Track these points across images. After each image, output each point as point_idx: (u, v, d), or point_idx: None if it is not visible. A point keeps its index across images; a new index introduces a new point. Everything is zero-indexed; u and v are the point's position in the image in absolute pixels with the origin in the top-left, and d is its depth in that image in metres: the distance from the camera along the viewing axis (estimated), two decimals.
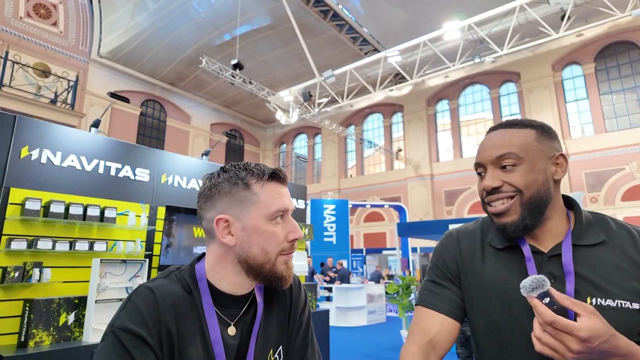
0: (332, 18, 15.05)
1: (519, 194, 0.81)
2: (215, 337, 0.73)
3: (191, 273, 0.79)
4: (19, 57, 13.88)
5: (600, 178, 13.71)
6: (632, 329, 0.75)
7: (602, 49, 14.49)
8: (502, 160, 0.83)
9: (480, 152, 0.88)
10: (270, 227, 0.77)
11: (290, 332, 0.86)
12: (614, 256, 0.79)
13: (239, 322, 0.79)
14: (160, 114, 19.32)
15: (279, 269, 0.78)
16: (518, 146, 0.82)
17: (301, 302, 0.91)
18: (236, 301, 0.80)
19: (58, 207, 2.54)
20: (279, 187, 0.80)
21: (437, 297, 0.90)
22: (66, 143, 2.75)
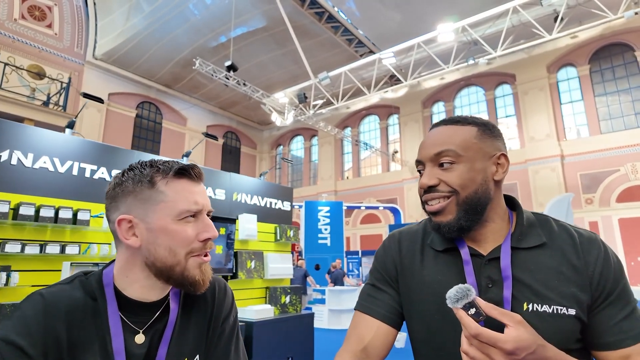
0: (328, 20, 15.06)
1: (455, 194, 0.78)
2: (117, 347, 0.69)
3: (99, 278, 0.75)
4: (13, 59, 13.86)
5: (595, 179, 13.70)
6: (569, 335, 0.73)
7: (596, 51, 14.51)
8: (440, 157, 0.79)
9: (420, 149, 0.84)
10: (178, 226, 0.72)
11: (210, 340, 0.82)
12: (553, 260, 0.77)
13: (150, 330, 0.75)
14: (156, 116, 19.29)
15: (192, 272, 0.73)
16: (457, 143, 0.79)
17: (225, 308, 0.86)
18: (147, 308, 0.76)
19: (28, 210, 2.51)
20: (189, 184, 0.75)
21: (374, 301, 0.87)
22: (39, 144, 2.72)
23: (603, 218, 13.32)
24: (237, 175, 4.29)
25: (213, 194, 3.94)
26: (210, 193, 3.92)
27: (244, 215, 4.03)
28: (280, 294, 4.16)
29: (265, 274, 4.11)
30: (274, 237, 4.44)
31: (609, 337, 0.73)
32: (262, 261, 4.11)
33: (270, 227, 4.44)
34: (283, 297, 4.17)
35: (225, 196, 4.07)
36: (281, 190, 4.82)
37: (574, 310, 0.72)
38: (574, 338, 0.73)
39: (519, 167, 15.33)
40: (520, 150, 15.56)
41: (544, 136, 14.96)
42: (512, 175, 15.48)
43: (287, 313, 4.13)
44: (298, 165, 23.25)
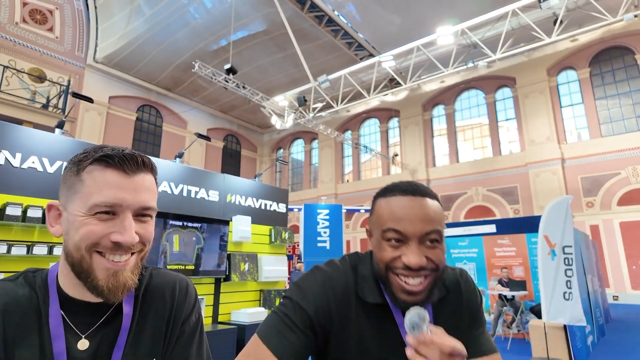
0: (327, 23, 15.08)
1: (434, 272, 0.79)
2: (58, 350, 0.65)
3: (45, 276, 0.71)
4: (14, 62, 13.92)
5: (596, 183, 13.63)
6: None
7: (596, 54, 14.48)
8: (430, 236, 0.78)
9: (403, 221, 0.78)
10: (87, 221, 0.64)
11: (168, 342, 0.77)
12: (451, 304, 0.89)
13: (97, 334, 0.70)
14: (157, 119, 19.33)
15: (97, 274, 0.65)
16: (441, 223, 0.80)
17: (185, 309, 0.81)
18: (93, 309, 0.70)
19: (14, 210, 2.48)
20: (114, 175, 0.66)
21: (283, 342, 0.79)
22: (27, 144, 2.70)
23: (604, 221, 13.23)
24: (231, 176, 4.26)
25: (206, 196, 3.91)
26: (204, 194, 3.89)
27: (238, 217, 4.00)
28: (274, 297, 4.12)
29: (259, 277, 4.07)
30: (269, 239, 4.40)
31: (472, 347, 0.85)
32: (256, 263, 4.07)
33: (265, 229, 4.40)
34: (277, 300, 4.13)
35: (219, 197, 4.03)
36: (276, 192, 4.79)
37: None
38: None
39: (520, 170, 15.27)
40: (520, 153, 15.51)
41: (544, 139, 14.91)
42: (512, 178, 15.42)
43: None
44: (298, 169, 23.23)
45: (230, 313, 3.79)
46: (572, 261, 5.29)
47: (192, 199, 3.77)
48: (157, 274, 0.83)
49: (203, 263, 3.54)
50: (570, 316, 4.89)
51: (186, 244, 3.45)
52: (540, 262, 5.35)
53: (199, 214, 3.65)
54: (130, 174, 0.68)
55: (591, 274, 7.33)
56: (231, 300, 3.85)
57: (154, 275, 0.82)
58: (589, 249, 7.99)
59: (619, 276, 12.75)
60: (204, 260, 3.55)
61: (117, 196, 0.65)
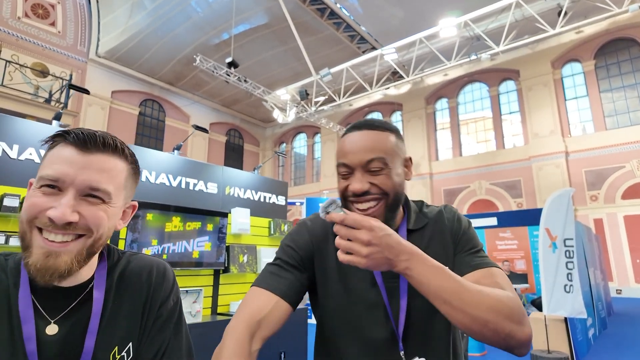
0: (329, 16, 14.99)
1: (385, 196, 0.86)
2: (28, 334, 0.65)
3: (19, 259, 0.71)
4: (17, 57, 13.95)
5: (600, 176, 13.53)
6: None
7: (602, 46, 14.31)
8: (372, 164, 0.85)
9: (348, 154, 0.88)
10: (32, 193, 0.65)
11: (144, 327, 0.77)
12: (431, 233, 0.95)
13: (68, 319, 0.69)
14: (159, 114, 19.36)
15: (32, 251, 0.63)
16: (385, 150, 0.86)
17: (162, 294, 0.80)
18: (65, 294, 0.70)
19: (12, 201, 2.49)
20: (67, 151, 0.66)
21: (278, 279, 0.88)
22: (24, 136, 2.70)
23: (608, 215, 13.15)
24: (229, 169, 4.26)
25: (205, 188, 3.92)
26: (202, 187, 3.89)
27: (237, 209, 4.00)
28: None
29: (258, 269, 4.08)
30: (268, 231, 4.41)
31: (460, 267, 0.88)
32: (255, 255, 4.08)
33: (264, 222, 4.41)
34: None
35: (218, 190, 4.04)
36: (275, 185, 4.79)
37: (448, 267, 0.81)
38: None
39: (523, 163, 15.18)
40: (524, 146, 15.41)
41: (548, 132, 14.80)
42: (516, 171, 15.34)
43: None
44: (301, 163, 23.22)
45: (230, 304, 3.81)
46: (573, 254, 5.27)
47: (190, 191, 3.77)
48: (134, 258, 0.83)
49: (203, 256, 3.55)
50: (570, 309, 4.88)
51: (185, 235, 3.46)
52: (541, 255, 5.33)
53: (197, 206, 3.65)
54: (84, 151, 0.67)
55: (593, 267, 7.30)
56: (230, 292, 3.87)
57: (131, 261, 0.82)
58: (591, 242, 7.95)
59: (623, 270, 12.69)
60: (203, 253, 3.56)
61: (62, 171, 0.64)
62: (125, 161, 0.73)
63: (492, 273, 0.84)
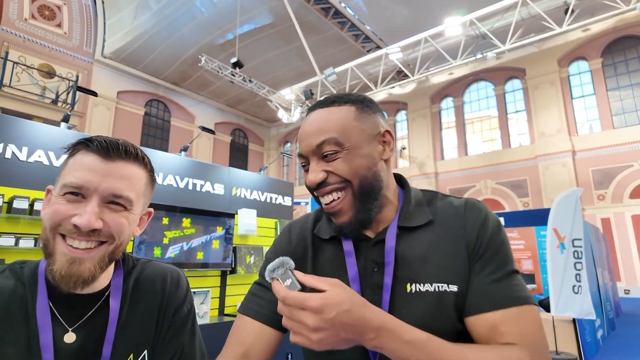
0: (334, 16, 14.96)
1: (347, 184, 0.71)
2: (45, 342, 0.64)
3: (35, 267, 0.71)
4: (24, 58, 14.06)
5: (607, 175, 13.41)
6: (451, 313, 0.68)
7: (609, 44, 14.17)
8: (323, 148, 0.71)
9: (300, 142, 0.75)
10: (56, 200, 0.65)
11: (159, 333, 0.77)
12: (437, 236, 0.73)
13: (84, 327, 0.69)
14: (164, 114, 19.43)
15: (56, 258, 0.63)
16: (337, 129, 0.71)
17: (176, 301, 0.81)
18: (82, 301, 0.70)
19: (22, 203, 2.51)
20: (90, 158, 0.66)
21: (258, 302, 0.78)
22: (33, 138, 2.72)
23: (615, 215, 13.03)
24: (235, 169, 4.27)
25: (212, 189, 3.92)
26: (209, 188, 3.90)
27: (243, 210, 4.01)
28: None
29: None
30: (275, 232, 4.41)
31: (473, 299, 0.67)
32: (261, 256, 4.09)
33: (270, 222, 4.41)
34: None
35: (224, 191, 4.05)
36: (282, 185, 4.79)
37: (455, 286, 0.68)
38: (456, 316, 0.68)
39: (529, 162, 15.08)
40: (530, 146, 15.30)
41: (554, 131, 14.69)
42: (521, 171, 15.24)
43: None
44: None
45: (237, 305, 3.81)
46: (581, 254, 5.23)
47: (197, 192, 3.78)
48: (148, 266, 0.83)
49: (210, 256, 3.56)
50: (579, 310, 4.83)
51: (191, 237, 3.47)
52: (549, 255, 5.29)
53: (204, 207, 3.66)
54: (106, 159, 0.67)
55: (601, 268, 7.24)
56: (237, 293, 3.88)
57: (145, 268, 0.82)
58: (599, 242, 7.88)
59: (631, 270, 12.57)
60: (210, 253, 3.57)
61: (85, 178, 0.65)
62: (144, 169, 0.74)
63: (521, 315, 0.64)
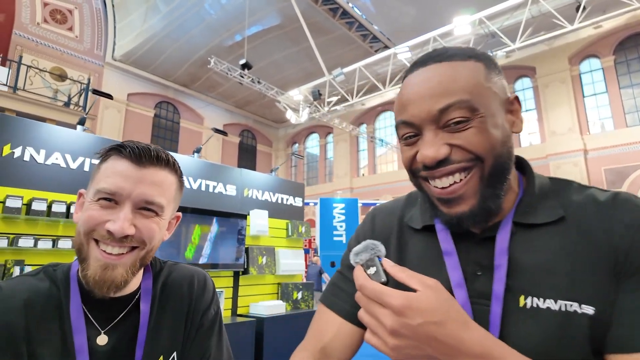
0: (342, 16, 14.96)
1: (477, 162, 0.54)
2: (79, 344, 0.65)
3: (67, 269, 0.72)
4: (36, 61, 14.28)
5: (620, 174, 13.20)
6: (582, 342, 0.51)
7: (621, 41, 13.96)
8: (448, 114, 0.53)
9: (409, 105, 0.57)
10: (90, 206, 0.66)
11: (187, 336, 0.78)
12: (569, 239, 0.55)
13: (116, 329, 0.70)
14: (174, 116, 19.60)
15: (90, 263, 0.65)
16: (469, 89, 0.53)
17: (204, 303, 0.82)
18: (113, 304, 0.71)
19: (40, 205, 2.55)
20: (123, 165, 0.67)
21: (340, 294, 0.71)
22: (51, 141, 2.77)
23: None
24: (247, 171, 4.29)
25: (224, 190, 3.95)
26: (222, 189, 3.93)
27: (255, 211, 4.03)
28: (292, 290, 4.14)
29: (276, 270, 4.10)
30: (286, 233, 4.43)
31: (623, 329, 0.49)
32: (273, 257, 4.10)
33: (282, 223, 4.43)
34: (295, 293, 4.16)
35: (236, 192, 4.07)
36: (293, 186, 4.80)
37: (591, 308, 0.51)
38: (587, 348, 0.51)
39: (540, 162, 14.91)
40: (540, 145, 15.14)
41: (566, 130, 14.51)
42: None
43: (299, 309, 4.11)
44: (314, 163, 23.25)
45: (249, 306, 3.83)
46: None
47: (210, 194, 3.81)
48: (175, 269, 0.84)
49: (223, 256, 3.58)
50: None
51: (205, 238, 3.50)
52: None
53: (216, 208, 3.69)
54: (139, 165, 0.68)
55: None
56: (250, 293, 3.90)
57: (172, 271, 0.83)
58: None
59: None
60: (223, 254, 3.59)
61: (119, 184, 0.65)
62: (175, 174, 0.74)
63: None
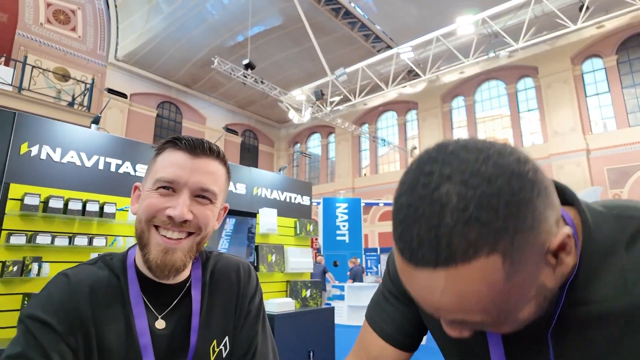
0: (344, 16, 14.99)
1: None
2: (141, 328, 0.69)
3: (123, 258, 0.75)
4: (40, 62, 14.31)
5: (623, 174, 13.22)
6: None
7: (624, 41, 13.98)
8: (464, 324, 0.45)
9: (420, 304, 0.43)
10: (150, 194, 0.69)
11: (237, 322, 0.82)
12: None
13: (172, 315, 0.74)
14: (176, 116, 19.64)
15: (151, 249, 0.68)
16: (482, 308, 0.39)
17: (250, 290, 0.86)
18: (168, 290, 0.74)
19: (57, 203, 2.58)
20: (179, 155, 0.71)
21: (382, 314, 0.69)
22: (66, 139, 2.79)
23: None
24: (257, 170, 4.32)
25: (234, 189, 3.97)
26: (232, 187, 3.95)
27: (265, 209, 4.05)
28: (301, 288, 4.17)
29: (285, 268, 4.13)
30: (294, 231, 4.45)
31: None
32: (282, 255, 4.13)
33: (290, 222, 4.45)
34: (304, 291, 4.18)
35: (246, 190, 4.09)
36: (300, 185, 4.83)
37: None
38: None
39: (542, 162, 14.92)
40: (543, 145, 15.16)
41: (568, 130, 14.52)
42: None
43: (308, 307, 4.13)
44: (315, 163, 23.27)
45: None
46: None
47: None
48: (220, 258, 0.87)
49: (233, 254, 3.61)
50: None
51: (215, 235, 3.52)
52: None
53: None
54: (193, 156, 0.72)
55: None
56: None
57: (218, 260, 0.86)
58: None
59: None
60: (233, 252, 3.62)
61: (177, 173, 0.69)
62: (224, 166, 0.78)
63: None
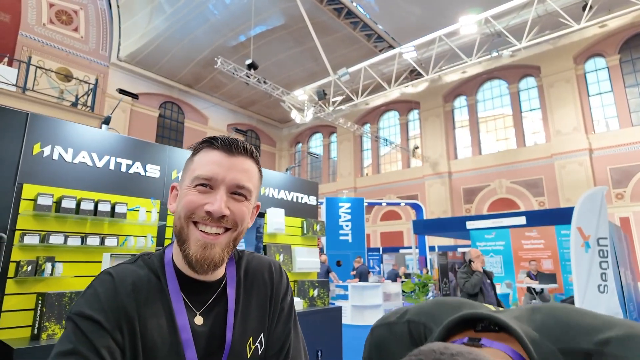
0: (346, 16, 14.99)
1: None
2: (182, 324, 0.71)
3: (160, 257, 0.77)
4: (42, 62, 14.33)
5: (626, 174, 13.21)
6: None
7: (626, 40, 13.97)
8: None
9: None
10: (188, 192, 0.72)
11: (271, 319, 0.83)
12: None
13: (209, 312, 0.75)
14: (179, 116, 19.65)
15: (190, 244, 0.70)
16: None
17: (282, 288, 0.87)
18: (205, 287, 0.76)
19: (69, 203, 2.59)
20: (216, 154, 0.73)
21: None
22: (78, 140, 2.80)
23: (635, 214, 12.84)
24: (265, 170, 4.33)
25: None
26: None
27: (272, 209, 4.06)
28: (308, 287, 4.18)
29: (293, 267, 4.14)
30: (301, 231, 4.46)
31: None
32: (290, 254, 4.14)
33: (297, 221, 4.46)
34: (311, 291, 4.19)
35: None
36: (307, 185, 4.84)
37: None
38: None
39: (545, 161, 14.93)
40: (545, 144, 15.15)
41: (571, 129, 14.52)
42: (537, 170, 15.09)
43: (316, 306, 4.15)
44: (317, 163, 23.28)
45: None
46: (607, 253, 5.18)
47: None
48: (253, 257, 0.89)
49: None
50: (605, 309, 4.80)
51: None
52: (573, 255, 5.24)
53: None
54: (229, 155, 0.74)
55: (624, 267, 7.14)
56: None
57: (251, 259, 0.88)
58: (621, 242, 7.77)
59: None
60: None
61: (214, 171, 0.72)
62: (257, 165, 0.81)
63: None
